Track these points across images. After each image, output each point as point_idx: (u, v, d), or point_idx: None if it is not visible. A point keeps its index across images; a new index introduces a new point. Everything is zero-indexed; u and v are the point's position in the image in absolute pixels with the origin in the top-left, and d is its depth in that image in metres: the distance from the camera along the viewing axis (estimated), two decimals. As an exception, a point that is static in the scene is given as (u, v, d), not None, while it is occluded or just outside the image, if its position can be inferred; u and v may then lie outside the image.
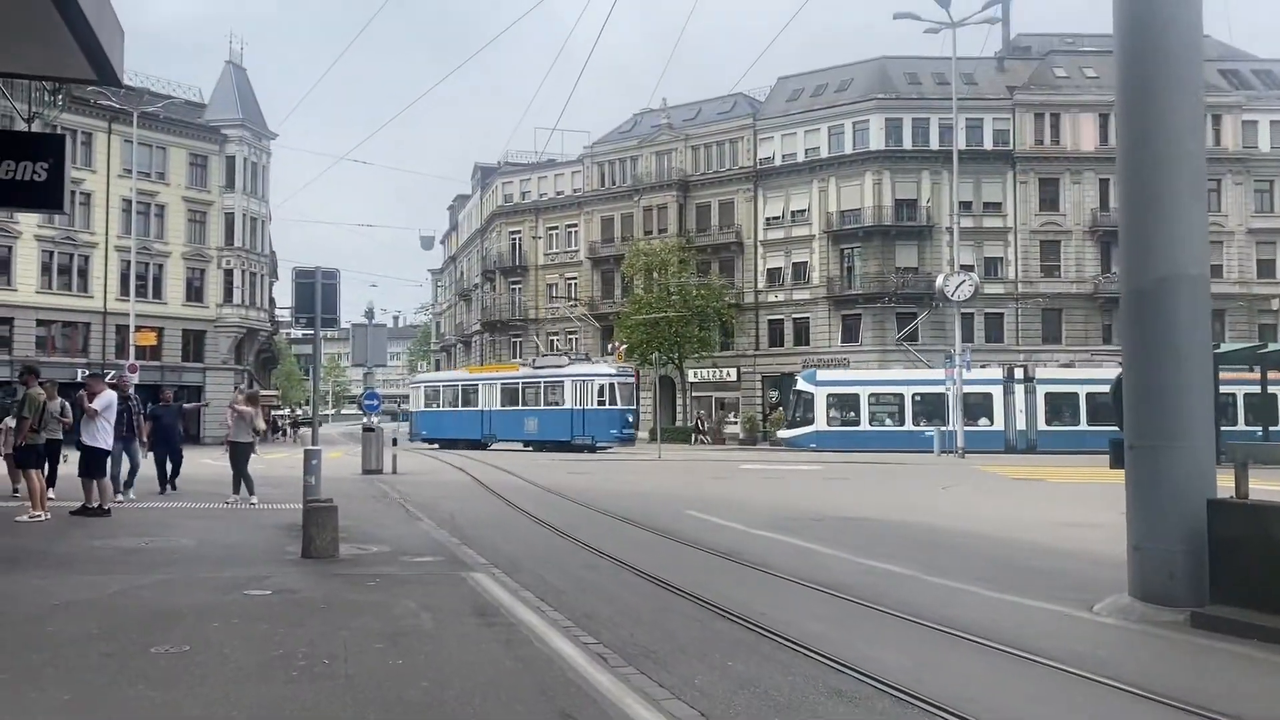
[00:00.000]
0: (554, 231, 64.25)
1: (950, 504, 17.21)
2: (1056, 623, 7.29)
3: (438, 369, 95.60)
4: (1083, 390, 40.05)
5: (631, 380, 43.22)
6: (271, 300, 59.26)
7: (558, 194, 64.58)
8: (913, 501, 17.41)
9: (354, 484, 20.84)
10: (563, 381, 42.23)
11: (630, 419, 41.78)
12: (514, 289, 66.12)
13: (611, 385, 41.26)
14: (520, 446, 42.37)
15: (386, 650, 6.22)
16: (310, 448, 13.08)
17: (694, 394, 55.76)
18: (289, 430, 63.79)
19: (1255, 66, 55.09)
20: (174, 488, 16.95)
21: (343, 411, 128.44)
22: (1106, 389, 39.84)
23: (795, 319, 54.26)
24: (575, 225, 62.90)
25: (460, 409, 45.87)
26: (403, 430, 70.59)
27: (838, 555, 10.55)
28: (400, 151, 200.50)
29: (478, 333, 72.11)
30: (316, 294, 13.60)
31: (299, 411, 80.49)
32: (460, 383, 47.64)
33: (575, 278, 62.76)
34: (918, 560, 10.10)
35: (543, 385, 43.44)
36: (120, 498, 14.85)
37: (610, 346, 55.28)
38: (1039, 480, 22.82)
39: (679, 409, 56.09)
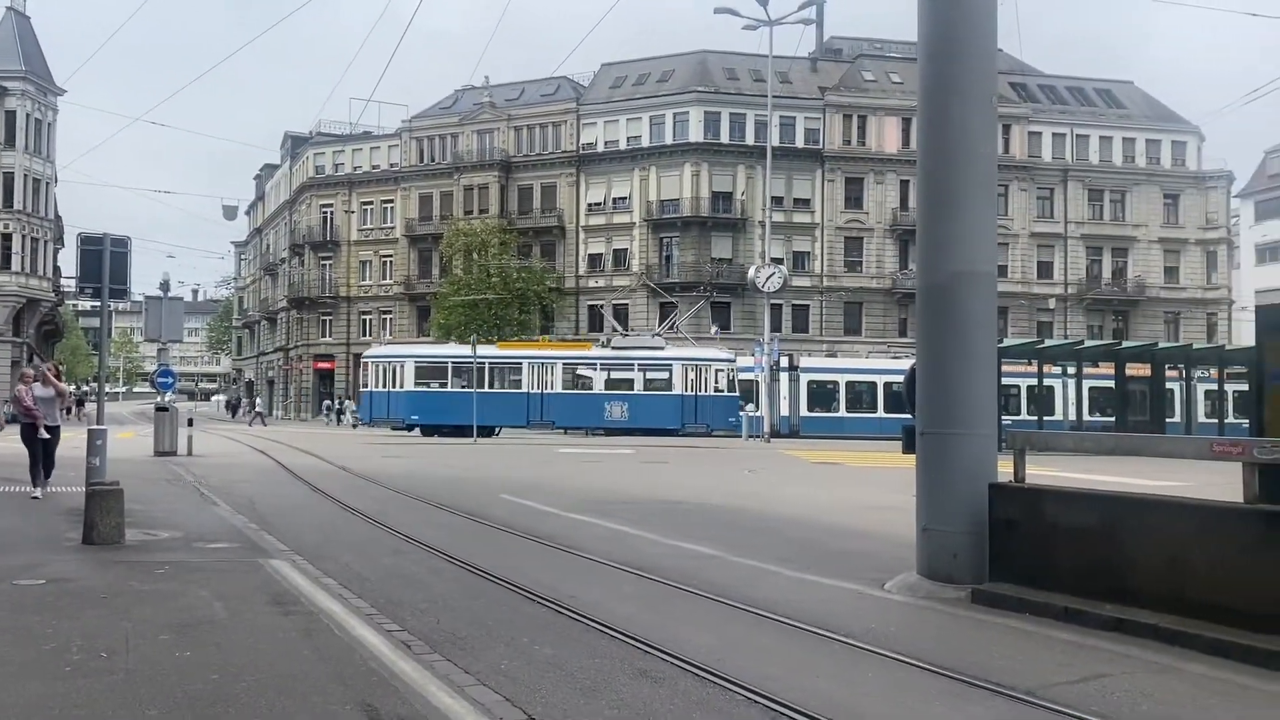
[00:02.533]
0: (369, 207, 62.25)
1: (756, 487, 17.77)
2: (852, 601, 7.64)
3: (239, 347, 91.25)
4: (843, 379, 42.40)
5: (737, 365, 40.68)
6: (56, 269, 54.78)
7: (374, 168, 62.58)
8: (721, 484, 17.88)
9: (145, 466, 19.64)
10: (670, 364, 39.50)
11: (741, 405, 39.44)
12: (324, 265, 63.69)
13: (729, 371, 39.30)
14: (588, 435, 38.48)
15: (173, 642, 5.88)
16: (95, 427, 12.22)
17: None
18: (73, 409, 59.34)
19: (1041, 81, 59.39)
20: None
21: (135, 389, 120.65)
22: (865, 378, 42.28)
23: (615, 305, 54.69)
24: (391, 201, 61.18)
25: (490, 390, 39.79)
26: (201, 410, 66.14)
27: (649, 537, 10.71)
28: (204, 115, 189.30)
29: (284, 309, 69.17)
30: (104, 263, 12.70)
31: (85, 388, 75.00)
32: (490, 361, 40.82)
33: (391, 255, 61.09)
34: (725, 541, 10.37)
35: (637, 367, 40.02)
36: None
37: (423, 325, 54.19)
38: (838, 464, 23.90)
39: (495, 392, 55.57)
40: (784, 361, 42.18)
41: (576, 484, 17.53)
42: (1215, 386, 38.61)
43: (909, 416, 9.36)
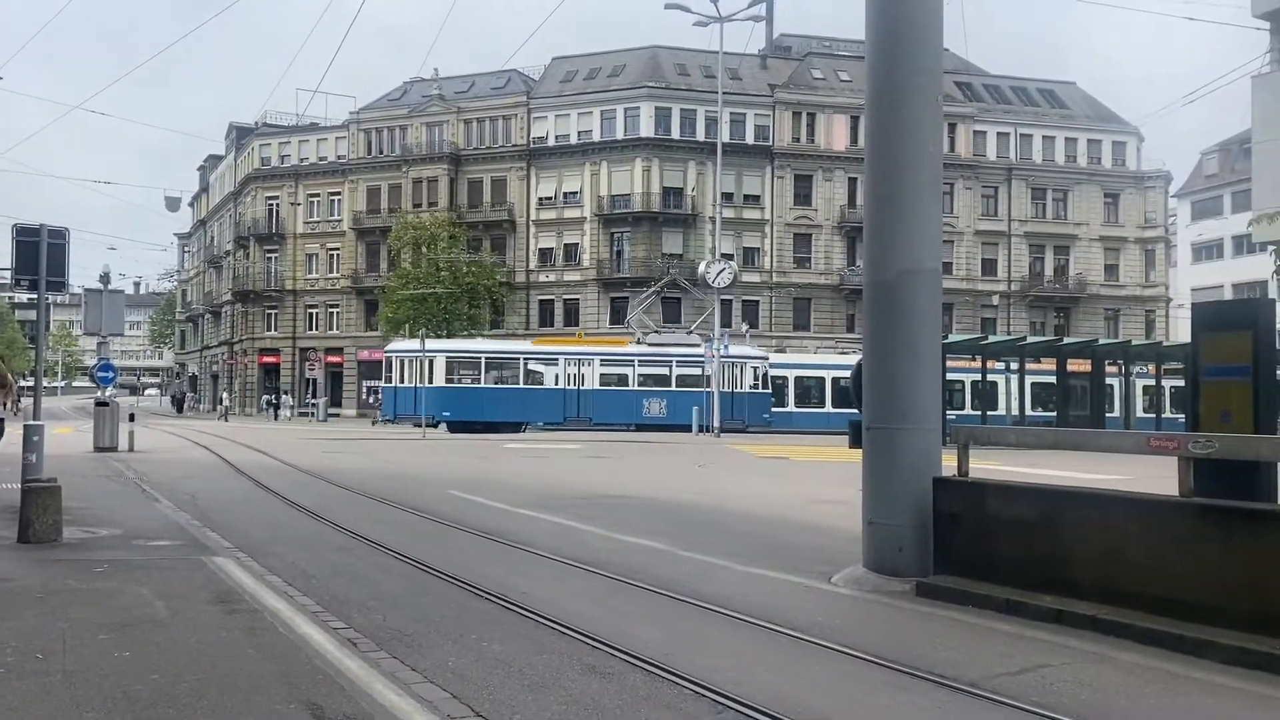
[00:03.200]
0: (315, 199, 61.38)
1: (705, 482, 17.86)
2: (799, 594, 7.72)
3: (183, 341, 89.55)
4: (791, 375, 43.03)
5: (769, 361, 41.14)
6: (-10, 260, 53.36)
7: (320, 159, 61.71)
8: (671, 479, 17.93)
9: (85, 462, 19.24)
10: (710, 361, 39.49)
11: (773, 403, 39.80)
12: (270, 258, 62.69)
13: (765, 369, 39.75)
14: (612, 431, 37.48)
15: (113, 642, 5.77)
16: (32, 423, 11.91)
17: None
18: (8, 404, 57.90)
19: (986, 81, 60.27)
20: None
21: (74, 384, 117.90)
22: (814, 374, 42.71)
23: (566, 300, 54.63)
24: (339, 193, 60.39)
25: (524, 386, 39.52)
26: (143, 405, 64.93)
27: (598, 532, 10.72)
28: (146, 105, 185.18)
29: (229, 302, 68.02)
30: (41, 254, 12.35)
31: (22, 383, 73.12)
32: (525, 356, 40.60)
33: (338, 248, 60.32)
34: (674, 536, 10.41)
35: (675, 364, 40.07)
36: None
37: (379, 323, 53.58)
38: (785, 459, 24.09)
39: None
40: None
41: (525, 479, 17.47)
42: (1153, 382, 39.55)
43: (856, 411, 9.48)
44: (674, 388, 39.67)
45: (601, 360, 39.74)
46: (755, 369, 40.02)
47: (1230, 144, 64.06)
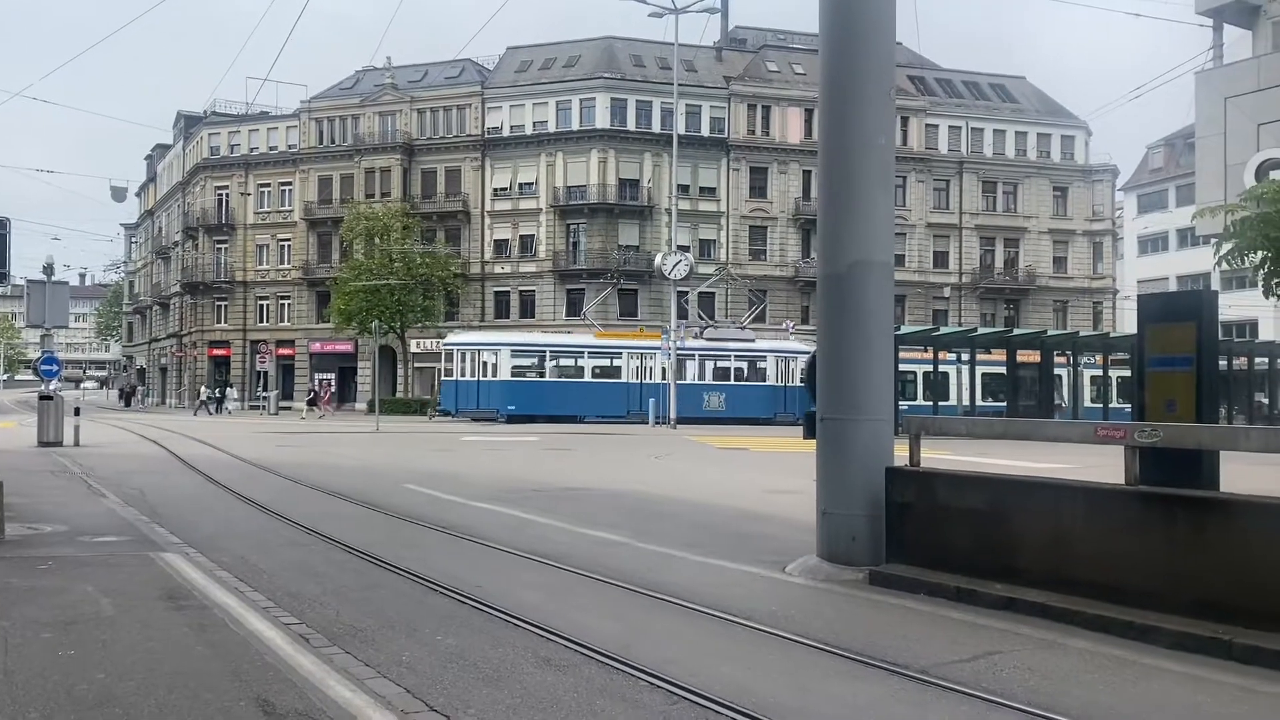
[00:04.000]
0: (266, 189, 60.49)
1: (662, 473, 17.90)
2: (754, 584, 7.76)
3: (130, 333, 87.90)
4: (747, 366, 43.10)
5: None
6: (-73, 250, 51.85)
7: (271, 149, 60.80)
8: (628, 471, 17.95)
9: (28, 457, 18.86)
10: (765, 356, 40.32)
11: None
12: (220, 249, 61.70)
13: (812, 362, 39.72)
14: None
15: (56, 640, 5.65)
16: (-30, 418, 11.63)
17: (416, 364, 54.63)
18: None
19: (938, 75, 60.89)
20: None
21: (17, 378, 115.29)
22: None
23: (522, 291, 54.39)
24: (290, 184, 59.57)
25: (588, 380, 39.70)
26: (90, 399, 63.58)
27: (555, 525, 10.69)
28: (91, 92, 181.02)
29: (178, 294, 66.89)
30: (-20, 245, 12.05)
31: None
32: (589, 350, 40.77)
33: (289, 239, 59.52)
34: (630, 528, 10.42)
35: (733, 359, 40.69)
36: None
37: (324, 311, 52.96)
38: (743, 449, 24.22)
39: (400, 380, 54.79)
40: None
41: (481, 472, 17.39)
42: (1100, 372, 40.30)
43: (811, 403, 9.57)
44: (733, 381, 40.55)
45: (664, 354, 39.84)
46: (806, 362, 40.41)
47: (1175, 139, 65.40)
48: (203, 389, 53.91)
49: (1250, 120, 17.02)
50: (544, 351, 40.61)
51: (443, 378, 41.01)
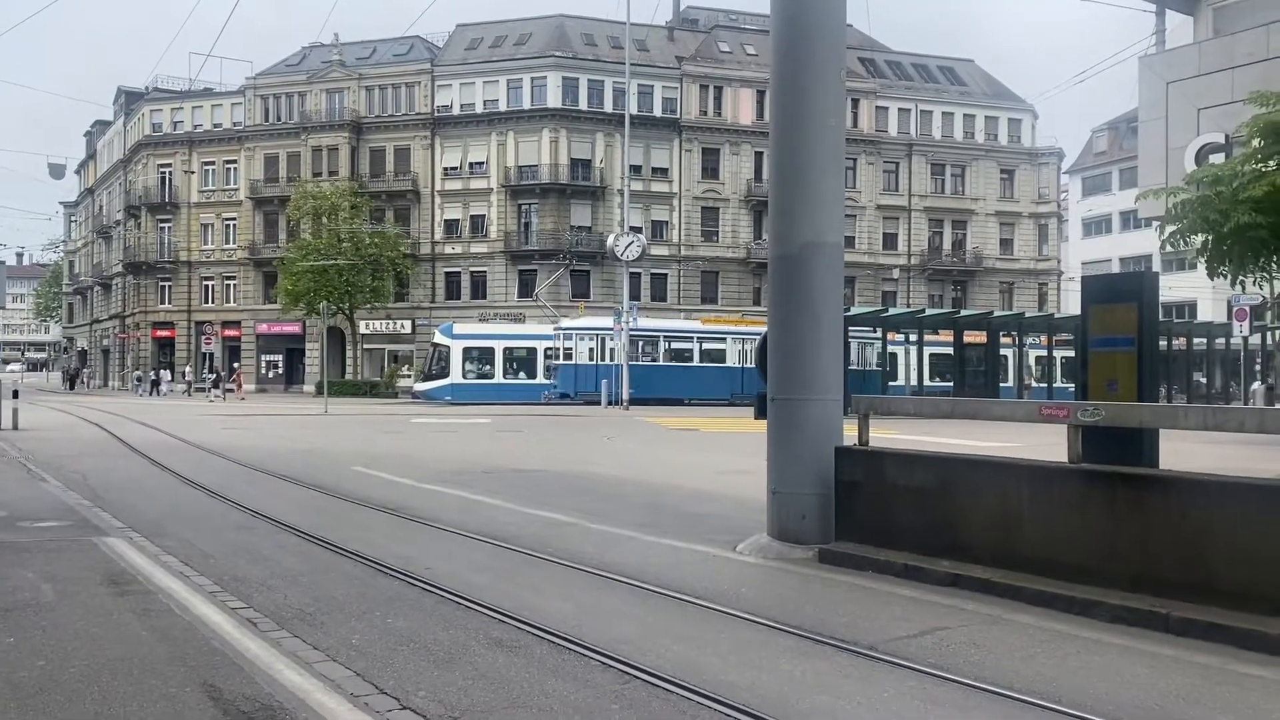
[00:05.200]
0: (210, 167, 59.27)
1: (614, 454, 17.92)
2: (704, 563, 7.80)
3: (70, 314, 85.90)
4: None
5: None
6: None
7: (215, 126, 59.55)
8: (579, 452, 17.95)
9: (-38, 442, 18.35)
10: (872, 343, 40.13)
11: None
12: (163, 228, 60.41)
13: (880, 347, 39.76)
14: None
15: (-6, 629, 5.52)
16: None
17: (365, 346, 54.05)
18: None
19: (889, 58, 61.28)
20: None
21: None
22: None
23: (473, 272, 53.96)
24: (235, 162, 58.43)
25: (698, 365, 40.90)
26: (30, 381, 61.97)
27: (506, 507, 10.66)
28: (28, 66, 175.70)
29: (120, 274, 65.47)
30: (-90, 222, 11.69)
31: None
32: (699, 335, 42.05)
33: (234, 218, 58.44)
34: (581, 508, 10.43)
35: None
36: None
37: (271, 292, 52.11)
38: (694, 430, 24.32)
39: (349, 361, 54.18)
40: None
41: (431, 454, 17.29)
42: (1045, 353, 40.98)
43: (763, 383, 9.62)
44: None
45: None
46: (874, 347, 40.70)
47: (1119, 123, 66.55)
48: (136, 371, 53.00)
49: (1191, 105, 17.34)
50: (658, 337, 42.17)
51: (558, 361, 41.49)
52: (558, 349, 41.18)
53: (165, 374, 53.60)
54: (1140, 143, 19.51)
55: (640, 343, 40.96)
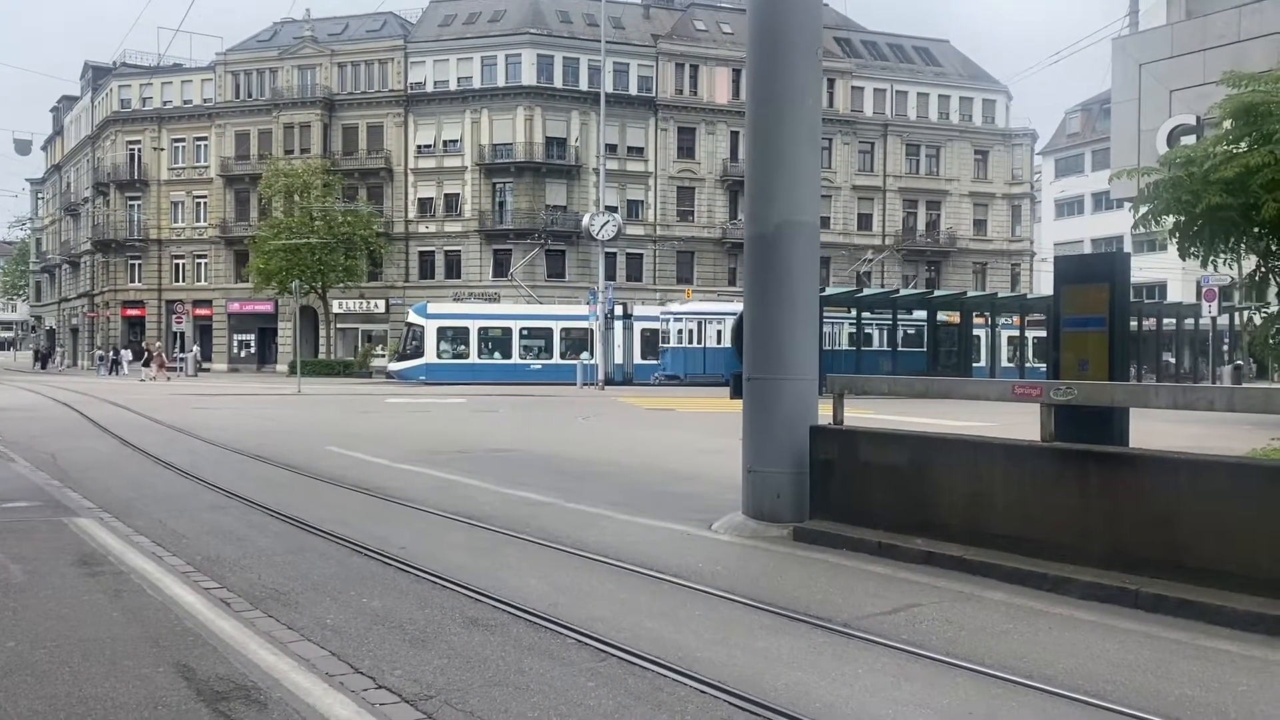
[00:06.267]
0: (180, 144, 58.47)
1: (590, 434, 17.92)
2: (680, 542, 7.83)
3: (38, 292, 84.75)
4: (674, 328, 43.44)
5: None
6: None
7: (185, 103, 58.71)
8: (555, 432, 17.94)
9: (-72, 422, 18.10)
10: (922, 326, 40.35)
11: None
12: (132, 205, 59.60)
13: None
14: None
15: (-37, 611, 5.46)
16: None
17: (339, 325, 53.68)
18: None
19: (864, 37, 61.23)
20: None
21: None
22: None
23: (447, 251, 53.60)
24: (205, 139, 57.65)
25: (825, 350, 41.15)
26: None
27: (482, 486, 10.64)
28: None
29: (88, 252, 64.58)
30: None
31: None
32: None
33: (205, 196, 57.72)
34: (558, 488, 10.43)
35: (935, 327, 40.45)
36: None
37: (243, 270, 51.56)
38: (670, 410, 24.36)
39: (323, 341, 53.79)
40: (618, 310, 42.52)
41: (406, 434, 17.23)
42: (1017, 333, 41.31)
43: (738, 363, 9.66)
44: (903, 347, 40.68)
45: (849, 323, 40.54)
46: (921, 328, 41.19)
47: (1092, 104, 66.93)
48: (196, 348, 52.57)
49: (1164, 86, 17.44)
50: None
51: (668, 344, 41.91)
52: (667, 331, 41.91)
53: (126, 354, 52.85)
54: (1113, 124, 19.61)
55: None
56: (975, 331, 39.11)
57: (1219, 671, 4.73)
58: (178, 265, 58.57)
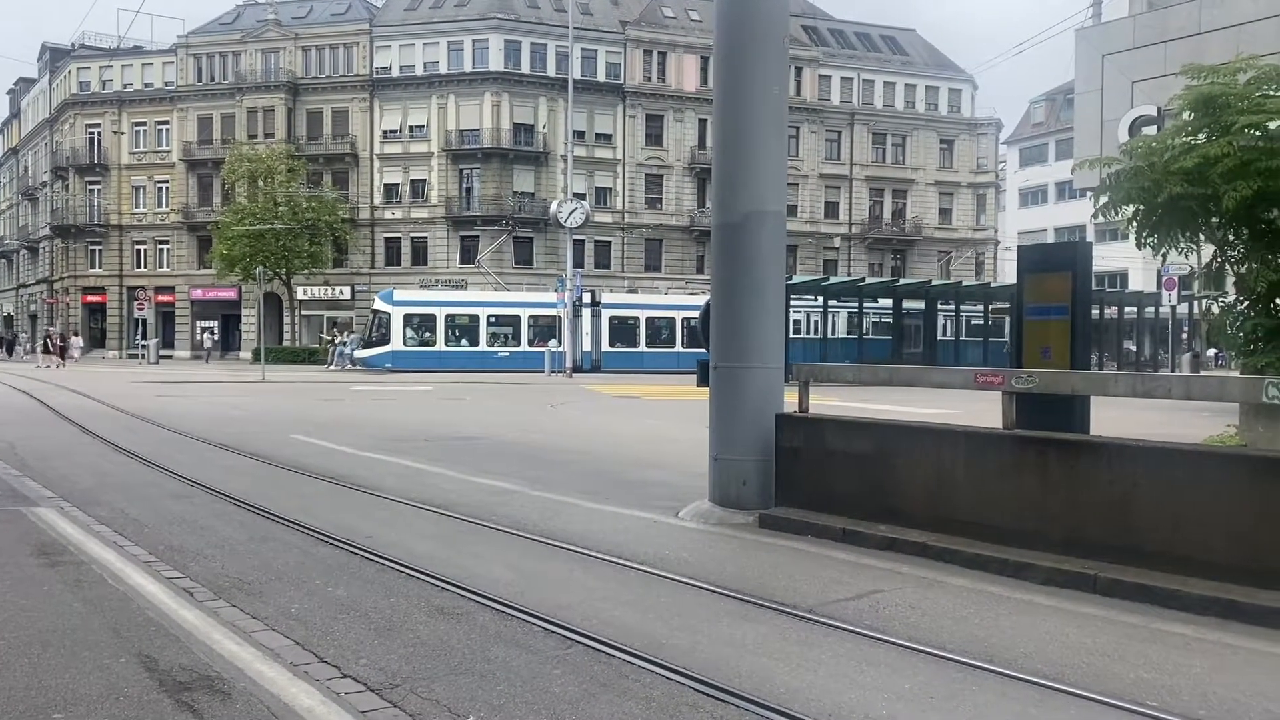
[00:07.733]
0: (141, 128, 57.56)
1: (557, 421, 17.91)
2: (647, 529, 7.85)
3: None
4: (643, 315, 43.39)
5: None
6: None
7: (146, 86, 57.78)
8: (522, 420, 17.90)
9: (-119, 410, 17.75)
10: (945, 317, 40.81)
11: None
12: (92, 190, 58.62)
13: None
14: None
15: (-82, 602, 5.37)
16: None
17: (303, 312, 53.18)
18: None
19: (832, 26, 61.41)
20: None
21: None
22: (665, 314, 43.37)
23: (414, 238, 53.24)
24: (167, 122, 56.80)
25: (844, 336, 41.05)
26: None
27: (448, 474, 10.61)
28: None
29: (47, 238, 63.47)
30: None
31: None
32: (848, 311, 41.86)
33: (167, 181, 56.91)
34: (524, 476, 10.41)
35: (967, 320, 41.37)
36: None
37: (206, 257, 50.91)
38: (637, 398, 24.39)
39: (287, 328, 53.28)
40: (586, 297, 42.45)
41: (371, 422, 17.13)
42: (981, 321, 41.73)
43: (705, 351, 9.68)
44: (869, 335, 41.16)
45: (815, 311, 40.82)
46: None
47: (1056, 94, 67.53)
48: (204, 336, 51.97)
49: (1126, 77, 17.63)
50: (839, 312, 42.05)
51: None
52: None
53: (76, 339, 51.83)
54: (1076, 114, 19.81)
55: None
56: (940, 319, 39.50)
57: (1173, 654, 4.82)
58: (139, 251, 57.75)
